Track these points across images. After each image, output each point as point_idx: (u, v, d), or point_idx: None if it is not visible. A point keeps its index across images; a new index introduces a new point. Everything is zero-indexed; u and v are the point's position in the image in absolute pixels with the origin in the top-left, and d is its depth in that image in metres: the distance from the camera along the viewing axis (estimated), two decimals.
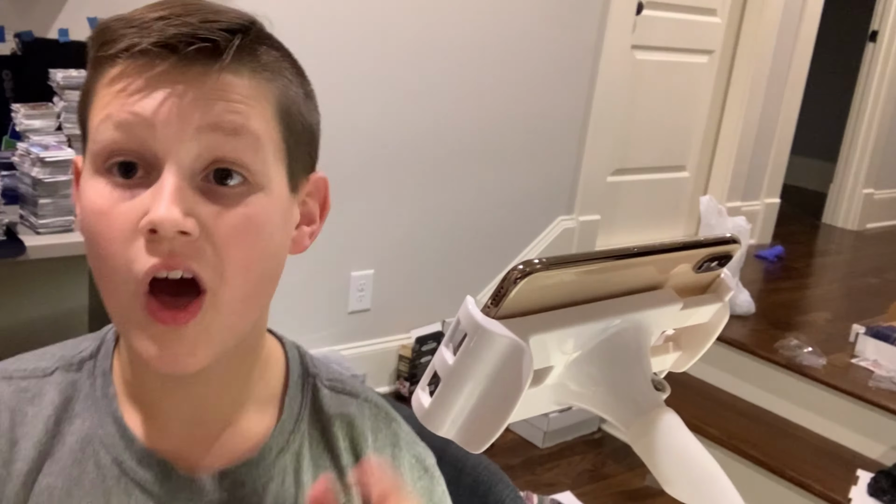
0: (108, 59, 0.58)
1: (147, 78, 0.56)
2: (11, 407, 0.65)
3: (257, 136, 0.59)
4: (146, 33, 0.56)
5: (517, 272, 0.45)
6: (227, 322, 0.60)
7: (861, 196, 4.60)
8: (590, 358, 0.52)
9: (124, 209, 0.56)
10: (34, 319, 2.02)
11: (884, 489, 2.21)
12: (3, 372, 0.67)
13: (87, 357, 0.68)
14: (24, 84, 1.74)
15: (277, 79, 0.61)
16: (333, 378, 0.74)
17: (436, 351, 0.50)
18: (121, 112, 0.57)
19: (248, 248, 0.58)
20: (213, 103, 0.57)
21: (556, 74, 2.85)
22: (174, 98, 0.56)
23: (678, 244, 0.52)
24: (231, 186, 0.58)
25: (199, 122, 0.56)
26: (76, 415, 0.66)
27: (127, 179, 0.57)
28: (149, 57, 0.56)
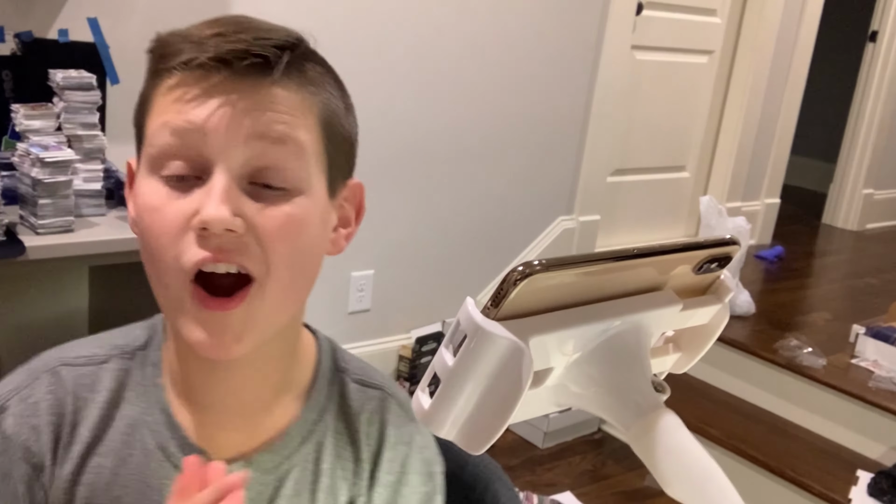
0: (166, 71, 0.64)
1: (202, 88, 0.62)
2: (74, 392, 0.71)
3: (301, 146, 0.64)
4: (203, 48, 0.62)
5: (517, 273, 0.45)
6: (271, 311, 0.65)
7: (861, 196, 4.60)
8: (590, 359, 0.52)
9: (176, 206, 0.62)
10: (34, 319, 2.02)
11: (884, 489, 2.21)
12: (64, 359, 0.73)
13: (139, 347, 0.74)
14: (24, 84, 1.74)
15: (321, 92, 0.67)
16: (362, 374, 0.78)
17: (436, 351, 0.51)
18: (177, 119, 0.62)
19: (290, 244, 0.64)
20: (262, 114, 0.62)
21: (556, 74, 2.85)
22: (226, 108, 0.62)
23: (678, 246, 0.52)
24: (275, 189, 0.63)
25: (248, 130, 0.62)
26: (126, 401, 0.71)
27: (179, 182, 0.62)
28: (205, 69, 0.62)
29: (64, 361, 0.72)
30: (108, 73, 1.80)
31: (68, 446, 0.70)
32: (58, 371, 0.72)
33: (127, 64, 1.89)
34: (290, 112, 0.64)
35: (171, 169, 0.63)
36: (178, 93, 0.63)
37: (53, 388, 0.71)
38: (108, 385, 0.71)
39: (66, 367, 0.72)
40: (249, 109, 0.62)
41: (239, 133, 0.62)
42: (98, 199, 1.67)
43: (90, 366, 0.72)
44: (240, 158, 0.62)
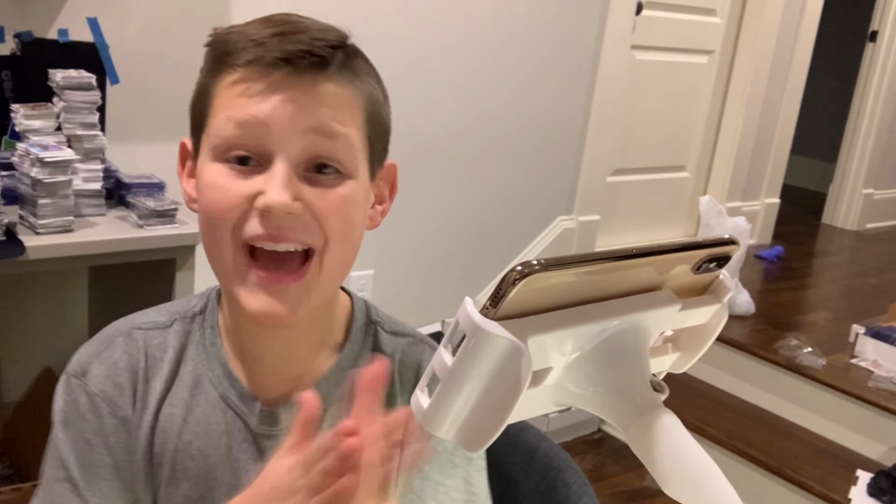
0: (229, 67, 0.71)
1: (265, 85, 0.69)
2: (145, 351, 0.80)
3: (350, 139, 0.72)
4: (267, 48, 0.69)
5: (516, 273, 0.45)
6: (325, 282, 0.74)
7: (861, 196, 4.60)
8: (589, 359, 0.52)
9: (239, 185, 0.70)
10: (34, 319, 2.02)
11: (883, 489, 2.21)
12: (134, 324, 0.82)
13: (197, 312, 0.82)
14: (24, 84, 1.74)
15: (365, 85, 0.75)
16: (394, 325, 0.87)
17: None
18: (241, 113, 0.69)
19: (343, 221, 0.72)
20: (318, 109, 0.70)
21: (556, 74, 2.85)
22: (287, 103, 0.69)
23: (677, 245, 0.53)
24: (327, 175, 0.71)
25: (305, 125, 0.69)
26: (190, 358, 0.80)
27: (241, 166, 0.70)
28: (267, 67, 0.69)
29: (135, 326, 0.81)
30: (108, 73, 1.80)
31: (145, 398, 0.78)
32: (131, 334, 0.80)
33: (127, 64, 1.89)
34: (342, 107, 0.71)
35: (234, 155, 0.70)
36: (242, 88, 0.70)
37: (128, 348, 0.79)
38: (174, 345, 0.80)
39: (137, 330, 0.81)
40: (307, 105, 0.69)
41: (297, 127, 0.69)
42: (98, 199, 1.67)
43: (157, 329, 0.81)
44: (297, 149, 0.70)
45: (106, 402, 0.77)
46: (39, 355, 1.99)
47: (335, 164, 0.71)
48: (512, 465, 1.00)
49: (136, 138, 1.97)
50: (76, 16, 1.81)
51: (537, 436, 1.01)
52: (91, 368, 0.79)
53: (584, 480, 0.97)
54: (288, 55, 0.68)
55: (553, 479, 0.97)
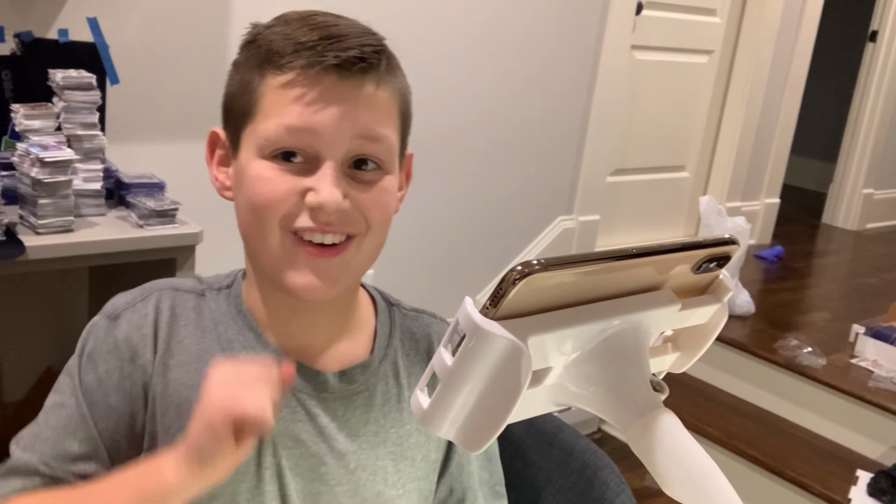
0: (277, 68, 0.75)
1: (318, 93, 0.74)
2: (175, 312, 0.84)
3: (390, 139, 0.78)
4: (317, 53, 0.73)
5: (516, 273, 0.45)
6: (362, 260, 0.80)
7: (861, 196, 4.60)
8: (588, 359, 0.52)
9: (288, 181, 0.75)
10: (34, 319, 2.02)
11: (884, 489, 2.21)
12: (173, 285, 0.86)
13: (224, 286, 0.87)
14: (24, 84, 1.74)
15: (400, 84, 0.81)
16: (411, 306, 0.95)
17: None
18: (295, 121, 0.74)
19: (384, 212, 0.79)
20: (364, 115, 0.75)
21: (556, 74, 2.85)
22: (337, 111, 0.74)
23: (677, 245, 0.53)
24: (369, 171, 0.78)
25: (352, 130, 0.75)
26: (219, 323, 0.84)
27: (288, 163, 0.75)
28: (319, 73, 0.73)
29: (173, 286, 0.85)
30: (108, 73, 1.80)
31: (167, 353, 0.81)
32: (166, 292, 0.84)
33: (127, 64, 1.89)
34: (383, 110, 0.77)
35: (282, 152, 0.75)
36: (295, 94, 0.74)
37: (159, 304, 0.83)
38: (205, 312, 0.84)
39: (173, 290, 0.85)
40: (355, 112, 0.75)
41: (346, 133, 0.75)
42: (98, 199, 1.67)
43: (192, 293, 0.85)
44: (344, 151, 0.75)
45: (128, 349, 0.81)
46: (39, 355, 1.99)
47: (376, 161, 0.78)
48: (549, 464, 1.02)
49: (136, 138, 1.97)
50: (76, 16, 1.81)
51: (574, 434, 1.03)
52: (124, 314, 0.82)
53: (621, 479, 0.99)
54: (341, 62, 0.73)
55: (590, 477, 0.99)
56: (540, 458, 1.02)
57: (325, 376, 0.84)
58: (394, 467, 0.86)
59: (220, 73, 0.83)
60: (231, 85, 0.80)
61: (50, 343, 2.01)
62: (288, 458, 0.81)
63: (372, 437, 0.85)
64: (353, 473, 0.84)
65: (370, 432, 0.85)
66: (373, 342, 0.88)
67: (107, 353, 0.81)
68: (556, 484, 0.98)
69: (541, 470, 1.01)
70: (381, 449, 0.86)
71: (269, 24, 0.79)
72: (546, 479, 1.01)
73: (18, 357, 1.97)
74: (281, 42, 0.75)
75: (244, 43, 0.80)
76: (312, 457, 0.82)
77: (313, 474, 0.82)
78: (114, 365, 0.81)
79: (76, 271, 2.02)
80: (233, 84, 0.80)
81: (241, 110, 0.78)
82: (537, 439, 1.03)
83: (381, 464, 0.85)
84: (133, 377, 0.80)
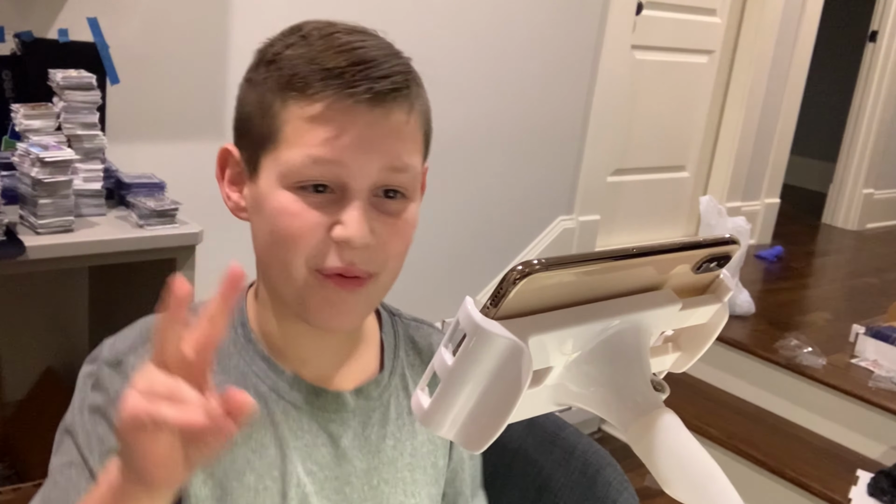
0: (305, 97, 0.71)
1: (347, 123, 0.71)
2: None
3: (416, 167, 0.76)
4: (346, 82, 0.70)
5: (516, 273, 0.45)
6: (380, 293, 0.79)
7: (861, 196, 4.60)
8: (589, 358, 0.52)
9: (314, 216, 0.72)
10: (34, 319, 2.02)
11: (884, 489, 2.21)
12: None
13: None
14: (24, 84, 1.74)
15: (425, 107, 0.79)
16: (411, 316, 0.95)
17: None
18: (324, 154, 0.71)
19: (404, 244, 0.78)
20: (393, 144, 0.73)
21: (556, 74, 2.85)
22: (366, 142, 0.71)
23: (677, 245, 0.53)
24: (394, 200, 0.75)
25: (381, 162, 0.72)
26: (230, 355, 0.80)
27: (314, 194, 0.72)
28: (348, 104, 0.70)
29: None
30: (108, 73, 1.80)
31: None
32: None
33: (127, 64, 1.89)
34: (410, 138, 0.75)
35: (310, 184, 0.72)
36: (325, 130, 0.71)
37: None
38: None
39: None
40: (384, 142, 0.72)
41: (374, 165, 0.72)
42: (98, 199, 1.67)
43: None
44: (371, 182, 0.73)
45: None
46: (39, 355, 1.99)
47: (402, 190, 0.76)
48: (551, 463, 1.02)
49: (136, 138, 1.97)
50: (76, 16, 1.81)
51: (575, 433, 1.03)
52: (127, 360, 0.77)
53: (623, 478, 0.99)
54: (373, 93, 0.70)
55: (593, 475, 0.99)
56: (541, 456, 1.02)
57: (344, 397, 0.83)
58: (411, 477, 0.86)
59: (220, 73, 0.83)
60: (247, 103, 0.77)
61: (50, 343, 2.01)
62: (313, 483, 0.80)
63: (390, 451, 0.85)
64: (376, 489, 0.84)
65: (388, 447, 0.85)
66: (381, 355, 0.88)
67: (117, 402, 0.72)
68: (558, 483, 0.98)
69: (542, 469, 1.02)
70: (399, 462, 0.86)
71: (287, 40, 0.75)
72: (548, 477, 1.01)
73: (18, 357, 1.97)
74: (305, 67, 0.72)
75: (261, 61, 0.76)
76: (336, 479, 0.82)
77: (338, 496, 0.82)
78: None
79: (76, 271, 2.02)
80: (249, 103, 0.77)
81: (260, 133, 0.75)
82: (538, 438, 1.03)
83: (400, 476, 0.86)
84: None
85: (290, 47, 0.73)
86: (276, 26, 0.78)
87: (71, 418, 0.78)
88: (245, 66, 0.80)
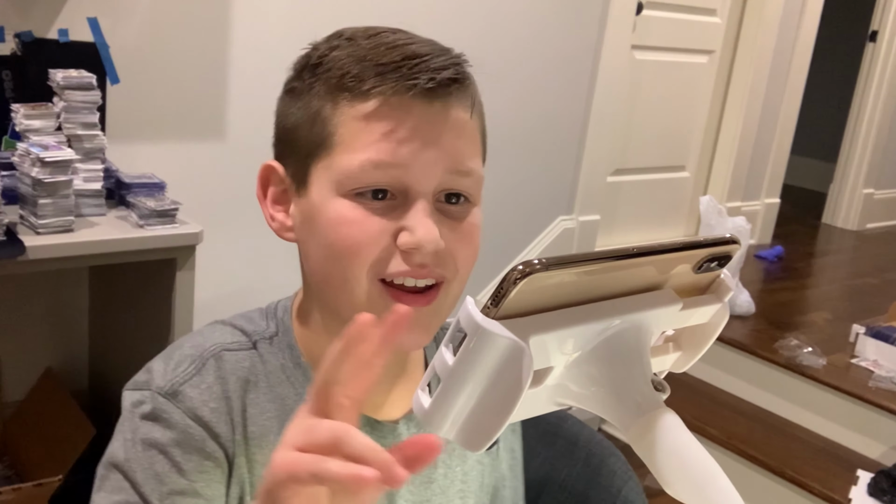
0: (358, 97, 0.67)
1: (406, 121, 0.67)
2: (237, 374, 0.73)
3: (478, 171, 0.73)
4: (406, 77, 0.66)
5: (517, 273, 0.45)
6: (450, 305, 0.74)
7: (861, 196, 4.60)
8: (590, 358, 0.52)
9: (376, 222, 0.67)
10: (34, 319, 2.02)
11: (884, 489, 2.21)
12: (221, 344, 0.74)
13: (273, 334, 0.77)
14: (24, 84, 1.74)
15: (479, 104, 0.75)
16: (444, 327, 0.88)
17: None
18: (382, 155, 0.66)
19: (473, 251, 0.74)
20: (454, 144, 0.69)
21: (556, 74, 2.85)
22: (428, 142, 0.67)
23: (678, 245, 0.52)
24: (458, 205, 0.71)
25: (444, 164, 0.68)
26: (280, 382, 0.74)
27: (375, 201, 0.68)
28: (405, 100, 0.66)
29: (224, 347, 0.74)
30: (108, 72, 1.80)
31: (244, 426, 0.72)
32: (221, 356, 0.73)
33: (127, 64, 1.89)
34: (471, 139, 0.72)
35: (370, 191, 0.67)
36: (379, 124, 0.66)
37: (221, 372, 0.72)
38: (262, 368, 0.74)
39: (227, 352, 0.74)
40: (445, 142, 0.68)
41: (437, 166, 0.68)
42: (98, 199, 1.67)
43: (244, 350, 0.75)
44: (435, 185, 0.69)
45: (203, 427, 0.70)
46: (39, 355, 1.99)
47: (466, 195, 0.72)
48: (554, 453, 1.02)
49: (136, 138, 1.97)
50: (76, 16, 1.81)
51: (577, 424, 1.03)
52: (184, 391, 0.71)
53: (627, 467, 0.99)
54: (436, 84, 0.67)
55: (597, 465, 0.99)
56: (544, 448, 1.02)
57: (397, 429, 0.78)
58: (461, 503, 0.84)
59: (220, 73, 0.82)
60: (290, 114, 0.72)
61: (50, 343, 2.01)
62: None
63: (442, 481, 0.82)
64: None
65: (439, 475, 0.82)
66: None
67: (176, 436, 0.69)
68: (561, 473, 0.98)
69: (546, 460, 1.02)
70: (450, 490, 0.82)
71: (331, 43, 0.71)
72: (551, 468, 1.01)
73: (18, 357, 1.97)
74: (356, 65, 0.67)
75: (304, 66, 0.72)
76: None
77: None
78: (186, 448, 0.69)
79: (76, 271, 2.02)
80: (293, 113, 0.72)
81: (309, 143, 0.70)
82: (540, 429, 1.03)
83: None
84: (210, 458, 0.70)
85: (335, 49, 0.70)
86: (276, 26, 0.79)
87: (121, 451, 0.70)
88: (245, 66, 0.79)
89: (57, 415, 1.83)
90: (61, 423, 1.81)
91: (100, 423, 1.72)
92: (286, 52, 0.76)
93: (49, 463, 1.72)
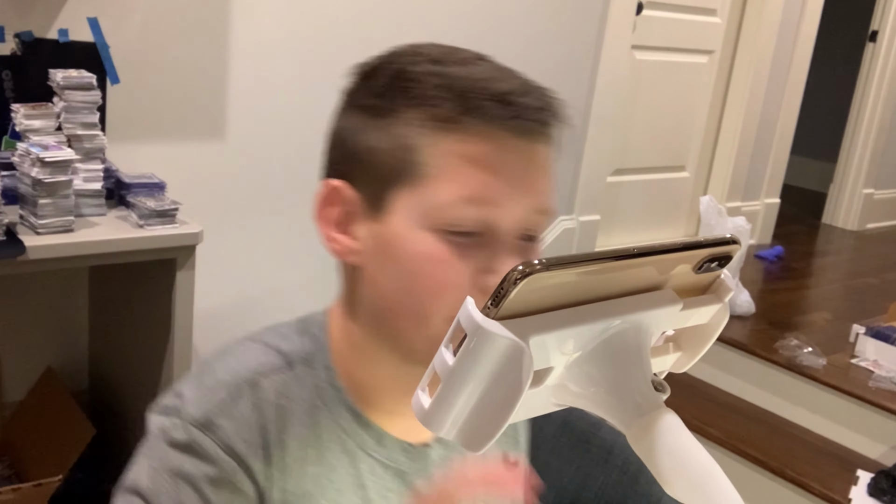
0: (458, 130, 0.64)
1: (505, 165, 0.64)
2: (275, 403, 0.70)
3: (554, 210, 0.70)
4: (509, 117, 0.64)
5: (517, 273, 0.45)
6: None
7: (861, 196, 4.60)
8: (590, 359, 0.52)
9: (463, 263, 0.64)
10: (34, 319, 2.02)
11: (884, 489, 2.21)
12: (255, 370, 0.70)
13: (310, 353, 0.73)
14: (24, 84, 1.74)
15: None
16: None
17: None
18: (477, 193, 0.64)
19: None
20: (542, 184, 0.67)
21: (555, 74, 2.85)
22: (522, 181, 0.66)
23: (678, 245, 0.52)
24: (531, 242, 0.68)
25: (532, 205, 0.66)
26: (316, 408, 0.71)
27: (464, 237, 0.65)
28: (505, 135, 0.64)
29: (260, 372, 0.70)
30: (108, 72, 1.80)
31: (281, 457, 0.69)
32: (258, 382, 0.70)
33: (127, 64, 1.89)
34: (551, 177, 0.69)
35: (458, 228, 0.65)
36: (481, 164, 0.64)
37: (257, 401, 0.69)
38: (298, 393, 0.71)
39: (263, 377, 0.70)
40: (536, 181, 0.67)
41: (527, 207, 0.66)
42: (98, 199, 1.67)
43: (281, 374, 0.71)
44: (519, 224, 0.66)
45: (236, 461, 0.67)
46: (39, 355, 1.99)
47: (538, 234, 0.69)
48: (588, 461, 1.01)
49: (136, 138, 1.97)
50: (76, 16, 1.81)
51: (612, 431, 1.02)
52: (219, 422, 0.67)
53: None
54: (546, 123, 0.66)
55: (635, 472, 0.98)
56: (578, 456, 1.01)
57: (429, 452, 0.77)
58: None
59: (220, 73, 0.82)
60: (367, 134, 0.67)
61: (50, 343, 2.01)
62: None
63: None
64: None
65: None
66: None
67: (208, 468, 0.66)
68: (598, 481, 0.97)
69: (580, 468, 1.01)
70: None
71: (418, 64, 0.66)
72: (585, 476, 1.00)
73: (18, 357, 1.97)
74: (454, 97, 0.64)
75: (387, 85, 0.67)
76: None
77: None
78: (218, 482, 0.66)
79: (76, 271, 2.02)
80: (371, 134, 0.67)
81: (391, 168, 0.66)
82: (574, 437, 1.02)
83: None
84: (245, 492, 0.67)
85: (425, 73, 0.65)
86: (277, 26, 0.78)
87: (145, 479, 0.66)
88: (245, 66, 0.78)
89: (57, 415, 1.83)
90: (61, 423, 1.81)
91: (100, 423, 1.72)
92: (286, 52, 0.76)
93: (49, 463, 1.72)
